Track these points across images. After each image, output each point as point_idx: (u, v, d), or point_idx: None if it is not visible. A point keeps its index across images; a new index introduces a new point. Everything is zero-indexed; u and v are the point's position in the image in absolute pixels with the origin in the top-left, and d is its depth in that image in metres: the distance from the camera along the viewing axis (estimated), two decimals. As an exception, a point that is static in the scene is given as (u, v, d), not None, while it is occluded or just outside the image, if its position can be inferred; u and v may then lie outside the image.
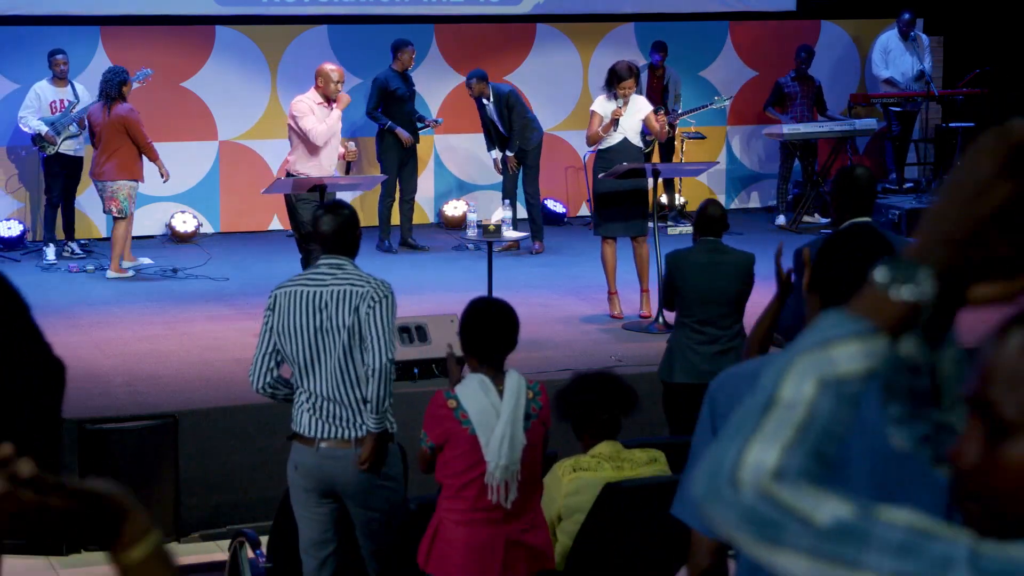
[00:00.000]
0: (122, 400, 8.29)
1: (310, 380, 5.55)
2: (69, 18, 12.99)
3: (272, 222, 13.80)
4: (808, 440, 1.57)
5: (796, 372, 1.59)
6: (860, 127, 14.22)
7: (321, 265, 5.65)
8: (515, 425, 4.99)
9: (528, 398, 5.07)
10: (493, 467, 4.97)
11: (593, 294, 10.84)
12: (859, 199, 5.91)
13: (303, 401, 5.60)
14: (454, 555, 5.01)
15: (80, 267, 12.07)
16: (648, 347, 9.54)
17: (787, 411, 1.58)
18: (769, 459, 1.57)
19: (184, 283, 11.62)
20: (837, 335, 1.59)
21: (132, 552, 1.75)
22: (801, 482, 1.56)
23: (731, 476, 1.58)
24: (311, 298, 5.55)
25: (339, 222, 5.63)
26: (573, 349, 9.48)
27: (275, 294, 5.64)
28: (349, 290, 5.53)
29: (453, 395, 5.05)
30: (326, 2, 13.88)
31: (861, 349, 1.58)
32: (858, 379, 1.59)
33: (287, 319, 5.56)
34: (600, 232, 10.36)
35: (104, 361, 9.14)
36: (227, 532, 7.57)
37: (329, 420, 5.55)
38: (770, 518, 1.56)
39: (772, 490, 1.56)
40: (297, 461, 5.63)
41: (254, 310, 10.54)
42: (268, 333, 5.60)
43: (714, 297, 7.30)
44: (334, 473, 5.56)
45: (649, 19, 14.71)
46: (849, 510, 1.54)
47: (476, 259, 12.00)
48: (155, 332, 9.93)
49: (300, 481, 5.64)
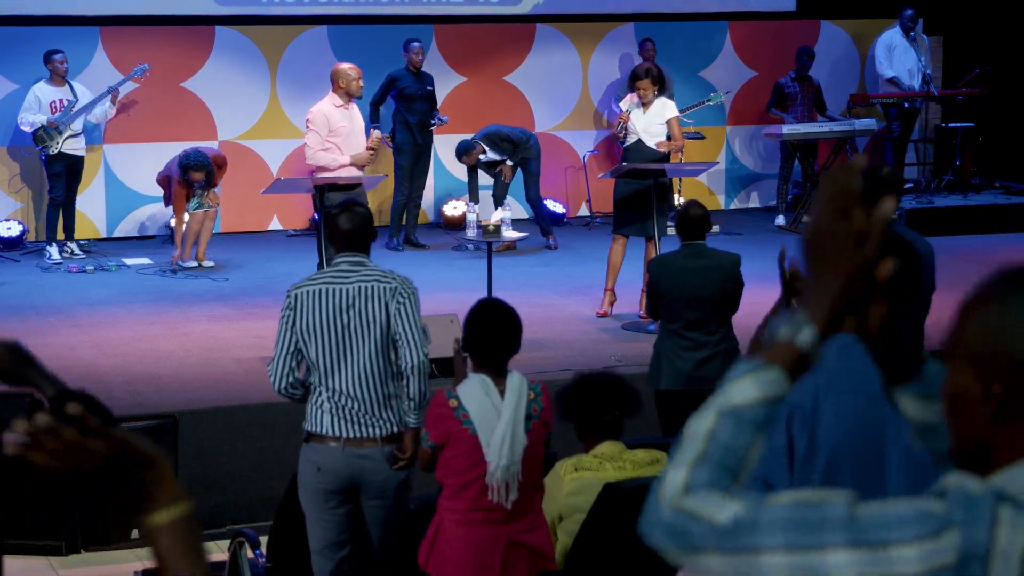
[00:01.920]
0: (122, 400, 8.28)
1: (333, 379, 5.53)
2: (68, 18, 12.98)
3: (272, 222, 13.79)
4: (712, 458, 1.86)
5: (703, 410, 1.93)
6: (860, 127, 14.21)
7: (341, 263, 5.63)
8: (516, 425, 4.99)
9: (529, 399, 5.06)
10: (494, 467, 4.96)
11: (593, 294, 10.83)
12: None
13: (323, 401, 5.56)
14: (454, 555, 5.00)
15: (80, 267, 12.06)
16: (647, 347, 9.51)
17: (693, 440, 1.89)
18: (679, 478, 1.86)
19: (184, 283, 11.61)
20: (734, 375, 1.93)
21: (158, 515, 1.75)
22: (706, 492, 1.83)
23: (655, 499, 1.88)
24: (336, 296, 5.53)
25: (357, 221, 5.64)
26: (573, 349, 9.47)
27: (295, 293, 5.60)
28: (376, 287, 5.53)
29: (454, 394, 5.05)
30: (326, 2, 13.87)
31: (753, 381, 1.90)
32: (756, 404, 1.90)
33: (311, 318, 5.53)
34: (618, 231, 10.34)
35: (104, 361, 9.13)
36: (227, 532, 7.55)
37: (352, 418, 5.53)
38: (683, 527, 1.83)
39: (682, 503, 1.84)
40: (319, 462, 5.57)
41: (254, 310, 10.55)
42: (288, 333, 5.56)
43: (699, 302, 7.23)
44: (362, 471, 5.54)
45: (648, 19, 14.70)
46: (742, 505, 1.80)
47: (476, 259, 12.00)
48: (155, 332, 9.92)
49: (322, 483, 5.58)
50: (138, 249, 12.92)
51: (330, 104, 10.33)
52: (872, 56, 15.19)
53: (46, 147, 12.17)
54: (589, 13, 14.62)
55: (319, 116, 10.26)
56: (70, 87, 12.39)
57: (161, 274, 11.92)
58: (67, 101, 12.30)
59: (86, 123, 12.45)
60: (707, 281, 7.18)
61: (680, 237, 7.46)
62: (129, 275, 11.93)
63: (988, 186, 14.84)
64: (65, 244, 12.47)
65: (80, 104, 12.29)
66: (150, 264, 12.28)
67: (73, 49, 12.55)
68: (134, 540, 7.90)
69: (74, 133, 12.29)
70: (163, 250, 12.82)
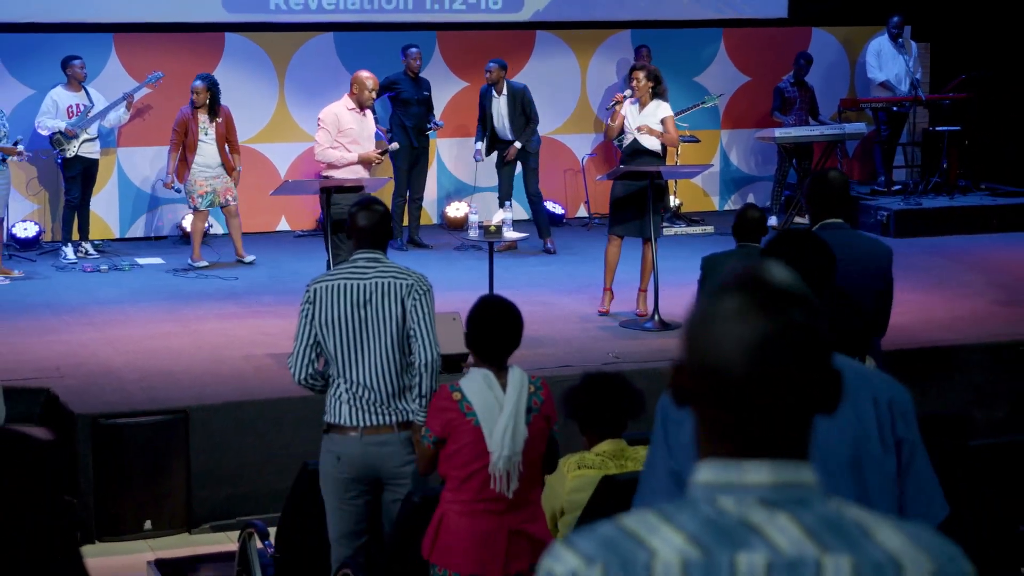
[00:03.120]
0: (135, 395, 8.30)
1: (351, 371, 5.56)
2: (83, 25, 13.00)
3: (280, 223, 13.81)
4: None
5: None
6: (850, 131, 14.23)
7: (359, 260, 5.65)
8: (518, 418, 5.01)
9: (530, 392, 5.08)
10: (496, 457, 4.98)
11: (592, 293, 10.84)
12: (831, 201, 5.93)
13: (341, 392, 5.60)
14: (458, 545, 5.02)
15: (95, 267, 12.09)
16: (644, 345, 9.56)
17: None
18: None
19: (194, 282, 11.63)
20: None
21: None
22: None
23: None
24: (354, 291, 5.56)
25: (375, 218, 5.66)
26: (572, 346, 9.49)
27: (314, 288, 5.63)
28: (393, 282, 5.57)
29: (457, 388, 5.06)
30: (332, 10, 13.88)
31: None
32: None
33: (330, 312, 5.57)
34: (614, 231, 10.32)
35: (118, 358, 9.15)
36: (237, 523, 7.58)
37: (369, 408, 5.58)
38: None
39: None
40: (339, 452, 5.61)
41: (262, 308, 10.58)
42: (308, 326, 5.59)
43: None
44: (379, 457, 5.58)
45: (645, 26, 14.72)
46: None
47: (477, 258, 12.02)
48: (167, 330, 9.94)
49: (342, 472, 5.62)
50: (150, 249, 12.94)
51: (343, 106, 10.35)
52: (862, 62, 15.22)
53: (63, 151, 12.20)
54: (587, 20, 14.64)
55: (330, 115, 10.29)
56: (86, 92, 12.41)
57: (173, 273, 11.94)
58: (83, 106, 12.32)
59: (101, 127, 12.48)
60: None
61: (736, 238, 7.40)
62: (142, 274, 11.95)
63: (974, 188, 14.84)
64: (80, 244, 12.49)
65: (96, 109, 12.32)
66: (162, 264, 12.31)
67: (87, 55, 12.57)
68: (147, 531, 7.93)
69: (90, 137, 12.32)
70: (175, 250, 12.84)
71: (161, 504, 7.96)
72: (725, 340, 1.74)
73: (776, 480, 1.74)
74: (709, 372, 1.75)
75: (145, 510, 7.92)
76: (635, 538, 1.72)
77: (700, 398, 1.77)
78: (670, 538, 1.70)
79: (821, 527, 1.71)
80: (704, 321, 1.77)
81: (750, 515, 1.71)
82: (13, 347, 9.13)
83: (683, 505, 1.74)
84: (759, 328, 1.74)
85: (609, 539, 1.72)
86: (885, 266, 6.08)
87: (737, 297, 1.77)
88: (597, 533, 1.74)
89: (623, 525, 1.74)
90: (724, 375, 1.74)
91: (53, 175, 12.82)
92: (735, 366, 1.73)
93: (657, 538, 1.71)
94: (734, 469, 1.74)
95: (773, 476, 1.74)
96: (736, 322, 1.75)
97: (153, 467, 7.94)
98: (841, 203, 5.95)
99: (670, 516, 1.73)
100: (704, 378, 1.75)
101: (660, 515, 1.73)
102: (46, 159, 12.75)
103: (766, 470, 1.74)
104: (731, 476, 1.74)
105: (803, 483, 1.75)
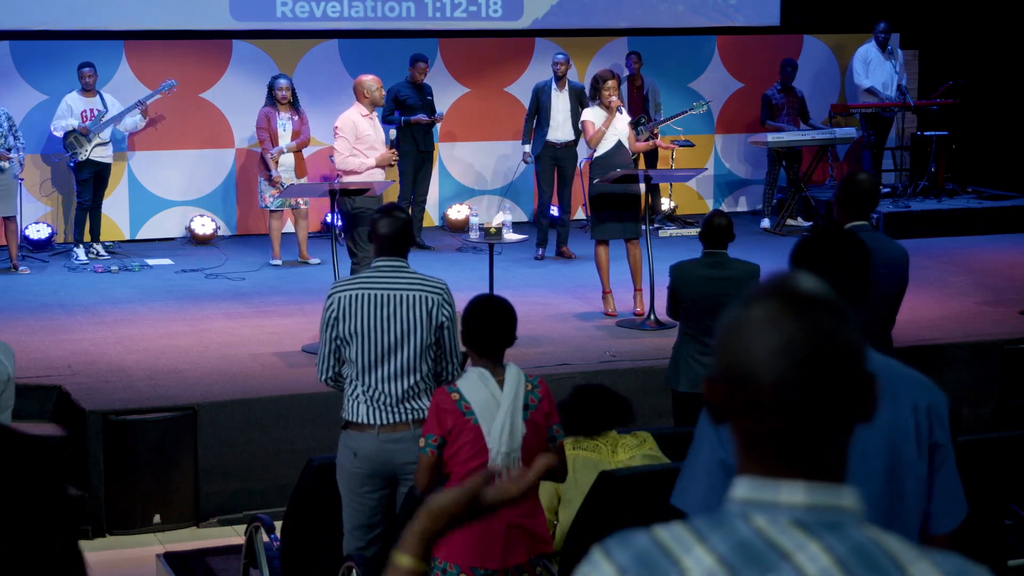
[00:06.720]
0: (144, 393, 8.29)
1: (370, 375, 5.56)
2: (94, 32, 12.99)
3: (286, 225, 13.77)
4: None
5: None
6: (840, 135, 14.22)
7: (381, 267, 5.62)
8: (515, 414, 4.99)
9: (527, 390, 5.06)
10: (495, 453, 4.96)
11: (589, 293, 10.83)
12: (861, 202, 5.78)
13: (359, 393, 5.60)
14: (458, 539, 5.00)
15: (105, 267, 12.07)
16: (641, 343, 9.54)
17: None
18: None
19: (203, 283, 11.61)
20: None
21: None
22: None
23: None
24: (379, 301, 5.54)
25: (397, 225, 5.62)
26: (569, 345, 9.47)
27: (336, 296, 5.59)
28: (420, 295, 5.55)
29: (455, 388, 5.04)
30: (337, 18, 13.86)
31: None
32: None
33: (354, 322, 5.55)
34: (596, 235, 10.30)
35: (128, 356, 9.13)
36: (243, 517, 7.58)
37: (385, 408, 5.58)
38: None
39: None
40: (355, 447, 5.61)
41: (269, 308, 10.56)
42: (331, 333, 5.59)
43: (716, 310, 7.13)
44: (395, 453, 5.58)
45: (641, 33, 14.70)
46: None
47: (478, 259, 12.00)
48: (176, 329, 9.92)
49: (359, 467, 5.62)
50: (160, 250, 12.92)
51: (357, 113, 10.30)
52: (851, 68, 15.20)
53: (75, 154, 12.18)
54: (585, 28, 14.62)
55: (348, 124, 10.21)
56: (100, 98, 12.40)
57: (182, 274, 11.93)
58: (97, 111, 12.31)
59: (114, 132, 12.47)
60: (725, 290, 6.99)
61: (703, 245, 7.27)
62: (151, 275, 11.93)
63: (961, 191, 14.83)
64: (91, 246, 12.47)
65: (109, 115, 12.31)
66: (171, 264, 12.29)
67: (99, 62, 12.55)
68: (156, 525, 7.91)
69: (102, 142, 12.30)
70: (184, 251, 12.83)
71: (170, 498, 7.94)
72: (756, 346, 1.70)
73: (811, 502, 1.68)
74: (742, 379, 1.70)
75: (154, 504, 7.91)
76: (670, 556, 1.67)
77: (735, 409, 1.72)
78: (702, 559, 1.65)
79: (853, 558, 1.64)
80: (734, 329, 1.74)
81: (783, 539, 1.65)
82: (26, 346, 9.11)
83: (719, 521, 1.70)
84: (789, 332, 1.69)
85: (645, 553, 1.68)
86: (904, 269, 5.99)
87: (766, 304, 1.73)
88: (634, 545, 1.70)
89: (660, 539, 1.70)
90: (756, 381, 1.69)
91: (66, 178, 12.80)
92: (767, 371, 1.69)
93: (691, 558, 1.66)
94: (770, 488, 1.69)
95: (808, 498, 1.68)
96: (766, 328, 1.71)
97: (162, 463, 7.93)
98: (870, 205, 5.82)
99: (705, 536, 1.68)
100: (737, 386, 1.71)
101: (695, 533, 1.69)
102: (58, 162, 12.74)
103: (801, 491, 1.68)
104: (766, 494, 1.69)
105: (839, 507, 1.69)
